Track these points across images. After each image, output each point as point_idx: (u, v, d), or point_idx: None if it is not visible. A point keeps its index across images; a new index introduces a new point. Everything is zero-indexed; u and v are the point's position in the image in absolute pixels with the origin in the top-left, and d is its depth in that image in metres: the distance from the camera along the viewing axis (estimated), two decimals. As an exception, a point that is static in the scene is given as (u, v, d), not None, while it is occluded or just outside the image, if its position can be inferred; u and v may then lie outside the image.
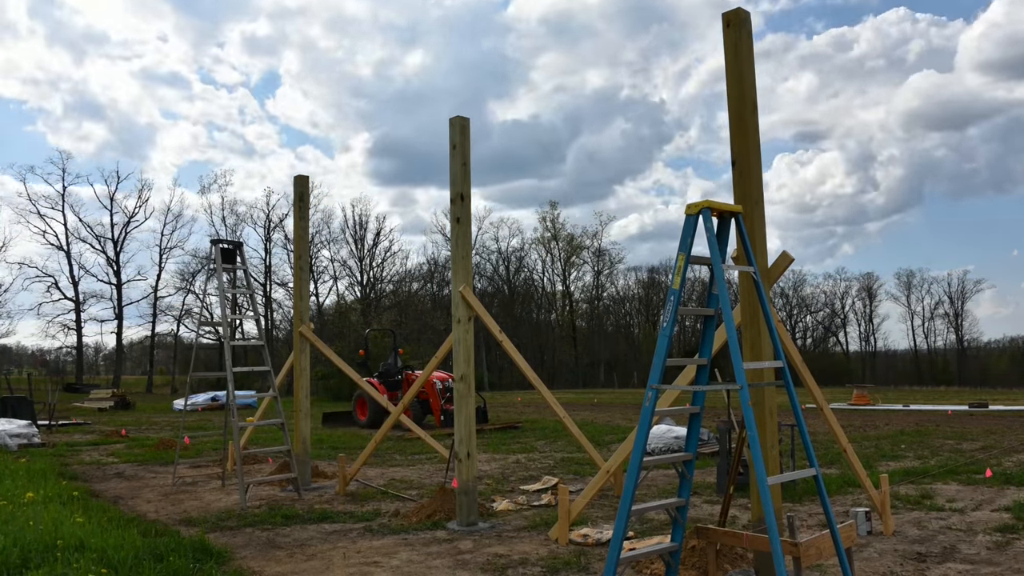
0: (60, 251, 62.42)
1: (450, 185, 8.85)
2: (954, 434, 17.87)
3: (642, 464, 4.69)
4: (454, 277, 8.81)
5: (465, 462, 8.39)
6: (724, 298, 4.81)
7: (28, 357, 79.98)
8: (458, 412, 8.62)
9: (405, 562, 6.78)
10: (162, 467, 13.66)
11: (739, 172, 5.75)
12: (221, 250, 11.12)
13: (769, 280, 5.89)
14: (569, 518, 7.48)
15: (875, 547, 7.01)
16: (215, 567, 6.43)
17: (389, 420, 10.41)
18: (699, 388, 5.11)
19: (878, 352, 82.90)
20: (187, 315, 63.66)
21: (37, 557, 6.32)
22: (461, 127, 8.82)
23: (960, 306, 79.08)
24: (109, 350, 75.42)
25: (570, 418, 9.68)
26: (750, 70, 5.81)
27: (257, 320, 12.33)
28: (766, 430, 5.55)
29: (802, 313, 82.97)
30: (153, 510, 9.51)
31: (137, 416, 30.53)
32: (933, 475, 11.23)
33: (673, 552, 5.19)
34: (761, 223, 5.76)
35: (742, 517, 8.43)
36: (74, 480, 11.98)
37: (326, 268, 68.35)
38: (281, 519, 8.76)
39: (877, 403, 31.19)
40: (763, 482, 4.33)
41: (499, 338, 9.10)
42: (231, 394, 10.42)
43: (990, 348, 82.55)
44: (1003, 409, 27.08)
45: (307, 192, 12.22)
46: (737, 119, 5.77)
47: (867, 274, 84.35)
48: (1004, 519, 8.12)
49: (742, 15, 5.82)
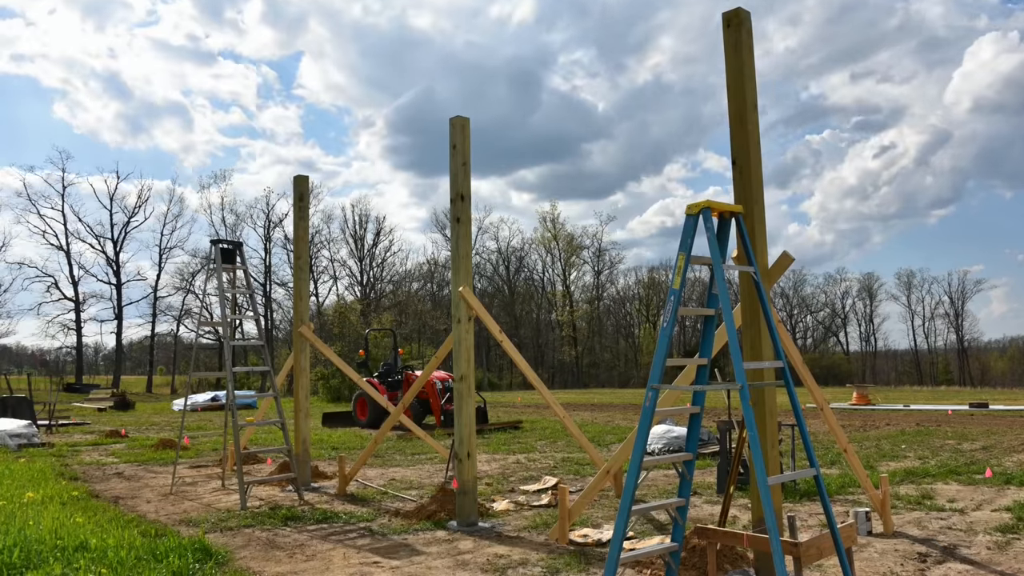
0: (60, 251, 62.58)
1: (450, 185, 8.85)
2: (954, 434, 17.87)
3: (642, 464, 4.69)
4: (454, 277, 8.80)
5: (465, 462, 8.38)
6: (724, 298, 4.81)
7: (28, 357, 79.97)
8: (458, 412, 8.61)
9: (405, 562, 6.78)
10: (162, 467, 13.65)
11: (739, 171, 5.75)
12: (221, 250, 11.12)
13: (769, 280, 5.89)
14: (569, 518, 7.48)
15: (875, 547, 7.01)
16: (215, 567, 6.43)
17: (389, 420, 10.40)
18: (699, 388, 5.11)
19: (878, 352, 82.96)
20: (187, 315, 63.84)
21: (37, 557, 6.32)
22: (461, 127, 8.82)
23: (960, 306, 79.20)
24: (109, 350, 75.57)
25: (570, 418, 9.67)
26: (750, 69, 5.81)
27: (257, 320, 12.32)
28: (766, 430, 5.54)
29: (802, 313, 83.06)
30: (153, 510, 9.50)
31: (137, 416, 30.54)
32: (933, 475, 11.23)
33: (673, 552, 5.19)
34: (761, 223, 5.76)
35: (742, 517, 8.43)
36: (74, 480, 11.97)
37: (326, 268, 68.48)
38: (281, 519, 8.75)
39: (877, 403, 31.19)
40: (763, 482, 4.32)
41: (499, 338, 9.09)
42: (231, 394, 10.41)
43: (990, 348, 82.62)
44: (1003, 409, 27.08)
45: (307, 192, 12.22)
46: (737, 118, 5.77)
47: (867, 274, 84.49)
48: (1004, 519, 8.11)
49: (742, 15, 5.82)
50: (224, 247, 11.25)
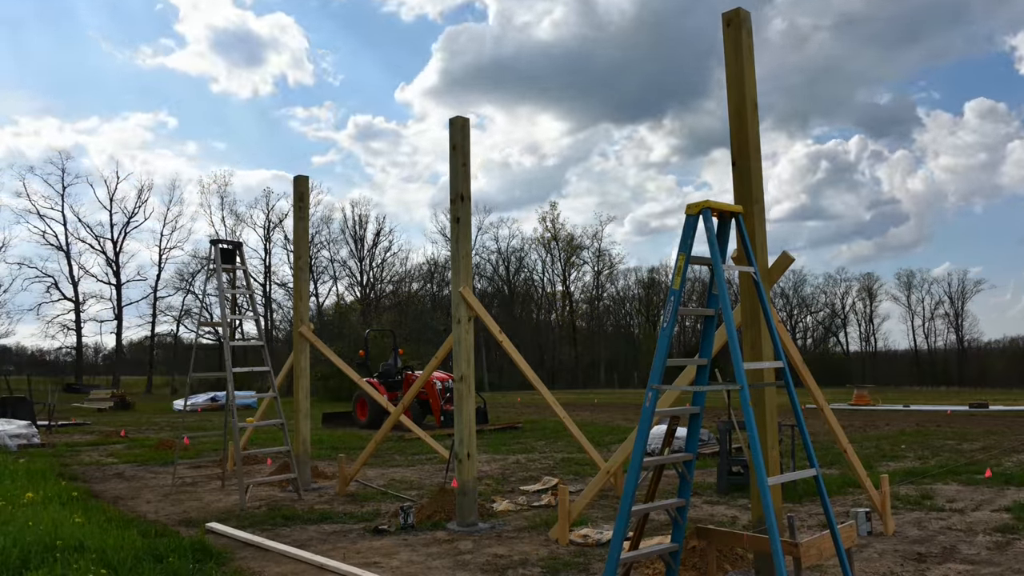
0: (60, 251, 62.52)
1: (450, 185, 8.84)
2: (954, 434, 17.87)
3: (642, 464, 4.69)
4: (454, 277, 8.80)
5: (465, 462, 8.38)
6: (724, 298, 4.81)
7: (27, 358, 79.95)
8: (458, 412, 8.61)
9: (405, 563, 6.77)
10: (162, 467, 13.65)
11: (739, 172, 5.74)
12: (221, 250, 11.11)
13: (769, 280, 5.89)
14: (569, 518, 7.48)
15: (875, 547, 7.01)
16: (215, 567, 6.43)
17: (389, 420, 10.40)
18: (699, 388, 5.11)
19: (878, 352, 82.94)
20: (187, 315, 63.73)
21: (37, 557, 6.32)
22: (461, 127, 8.82)
23: (960, 306, 79.18)
24: (109, 350, 75.44)
25: (570, 418, 9.67)
26: (750, 69, 5.80)
27: (257, 320, 12.32)
28: (766, 430, 5.54)
29: (802, 313, 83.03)
30: (153, 510, 9.50)
31: (137, 416, 30.52)
32: (933, 475, 11.23)
33: (673, 552, 5.19)
34: (761, 223, 5.75)
35: (742, 517, 8.43)
36: (74, 480, 11.97)
37: (326, 268, 68.43)
38: (281, 520, 8.75)
39: (877, 403, 31.19)
40: (763, 482, 4.32)
41: (499, 338, 9.09)
42: (231, 394, 10.41)
43: (990, 348, 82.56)
44: (1003, 409, 27.08)
45: (307, 192, 12.21)
46: (737, 118, 5.77)
47: (867, 274, 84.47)
48: (1004, 519, 8.12)
49: (742, 15, 5.82)
50: (224, 247, 11.25)
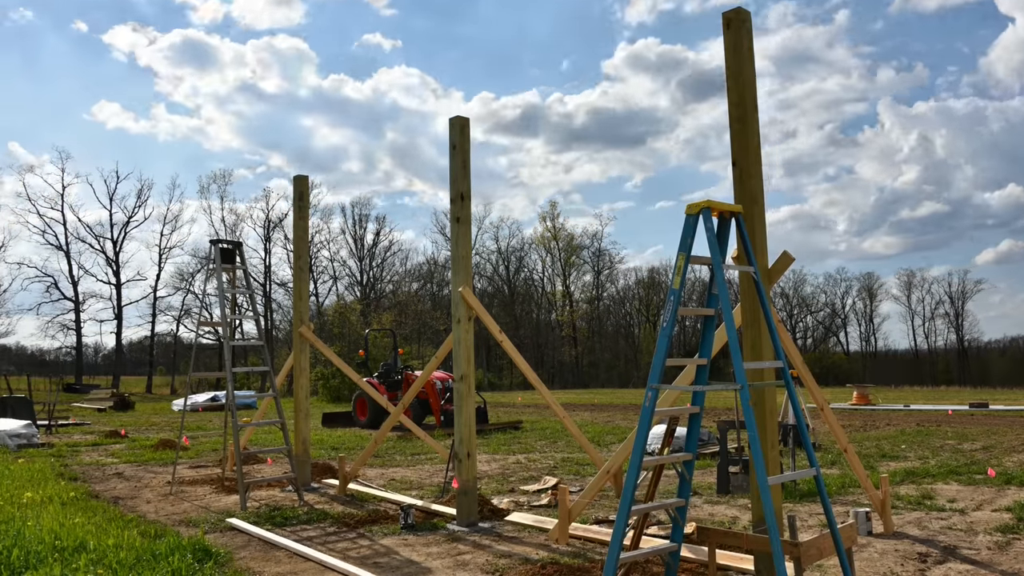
0: (59, 251, 62.54)
1: (450, 185, 8.84)
2: (955, 434, 17.86)
3: (642, 464, 4.69)
4: (454, 277, 8.80)
5: (465, 462, 8.38)
6: (724, 298, 4.81)
7: (27, 358, 79.97)
8: (458, 412, 8.61)
9: (405, 562, 6.77)
10: (162, 467, 13.65)
11: (739, 172, 5.74)
12: (220, 250, 11.11)
13: (769, 280, 5.88)
14: (569, 518, 7.47)
15: (876, 547, 7.00)
16: (215, 568, 6.42)
17: (389, 420, 10.40)
18: (699, 388, 5.11)
19: (878, 352, 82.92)
20: (186, 315, 63.71)
21: (36, 558, 6.31)
22: (461, 127, 8.81)
23: (960, 306, 79.17)
24: (108, 350, 75.51)
25: (570, 418, 9.67)
26: (750, 69, 5.80)
27: (257, 320, 12.31)
28: (766, 430, 5.54)
29: (802, 313, 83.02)
30: (153, 511, 9.50)
31: (136, 416, 30.53)
32: (934, 475, 11.22)
33: (673, 552, 5.19)
34: (761, 223, 5.75)
35: (743, 517, 8.42)
36: (73, 480, 11.97)
37: (326, 268, 68.47)
38: (281, 520, 8.75)
39: (877, 403, 31.18)
40: (763, 482, 4.32)
41: (499, 338, 9.09)
42: (231, 394, 10.41)
43: (990, 348, 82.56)
44: (1004, 409, 27.07)
45: (307, 192, 12.21)
46: (737, 119, 5.76)
47: (867, 274, 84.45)
48: (1005, 519, 8.11)
49: (742, 15, 5.81)
50: (224, 247, 11.24)
